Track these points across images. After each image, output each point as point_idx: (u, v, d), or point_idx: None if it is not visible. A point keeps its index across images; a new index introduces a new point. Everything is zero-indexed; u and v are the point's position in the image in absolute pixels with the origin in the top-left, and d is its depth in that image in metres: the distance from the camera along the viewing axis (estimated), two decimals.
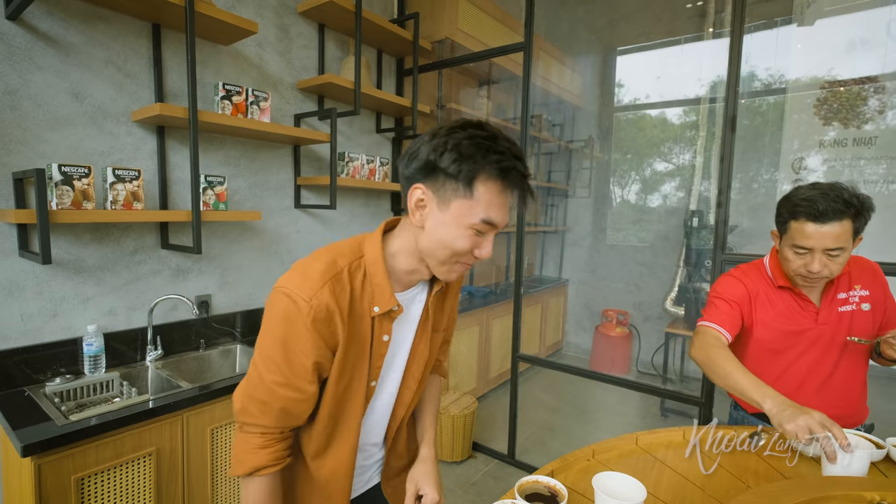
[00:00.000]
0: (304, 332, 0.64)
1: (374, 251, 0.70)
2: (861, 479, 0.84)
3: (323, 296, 0.65)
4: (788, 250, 1.04)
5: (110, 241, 1.53)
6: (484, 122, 0.65)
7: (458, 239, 0.64)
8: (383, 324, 0.72)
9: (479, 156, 0.61)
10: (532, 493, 0.77)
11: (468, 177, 0.61)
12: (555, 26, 3.69)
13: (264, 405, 0.68)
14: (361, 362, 0.72)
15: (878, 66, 2.31)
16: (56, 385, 1.36)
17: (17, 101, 1.31)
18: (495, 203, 0.63)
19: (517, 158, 0.63)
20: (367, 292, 0.70)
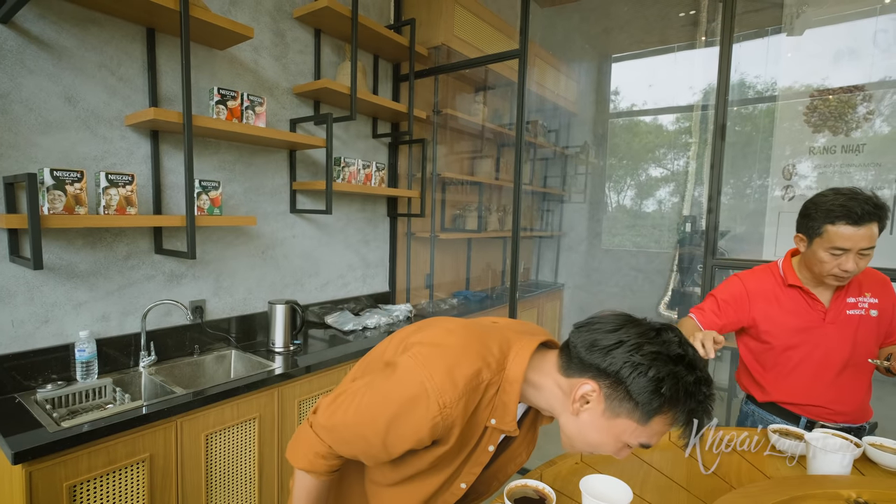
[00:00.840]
0: (420, 426, 0.64)
1: (517, 372, 0.68)
2: (840, 477, 0.86)
3: (457, 409, 0.64)
4: (824, 253, 1.10)
5: (103, 246, 1.52)
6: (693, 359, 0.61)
7: (607, 446, 0.65)
8: (494, 435, 0.72)
9: (674, 399, 0.59)
10: (521, 497, 0.78)
11: (651, 413, 0.60)
12: (550, 34, 3.73)
13: (344, 442, 0.70)
14: (456, 460, 0.73)
15: (866, 75, 2.36)
16: (47, 391, 1.34)
17: (9, 105, 1.30)
18: (658, 434, 0.63)
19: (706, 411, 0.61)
20: (491, 405, 0.69)
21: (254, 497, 1.55)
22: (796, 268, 1.22)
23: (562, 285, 4.14)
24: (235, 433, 1.48)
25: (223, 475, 1.46)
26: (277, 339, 1.84)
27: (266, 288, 2.02)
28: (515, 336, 0.73)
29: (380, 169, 2.34)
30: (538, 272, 4.25)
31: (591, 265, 4.00)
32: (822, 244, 1.09)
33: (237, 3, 1.81)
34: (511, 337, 0.72)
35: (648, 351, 0.60)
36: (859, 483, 0.83)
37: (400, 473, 0.74)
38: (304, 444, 0.73)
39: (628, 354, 0.60)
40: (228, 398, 1.42)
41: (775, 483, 0.81)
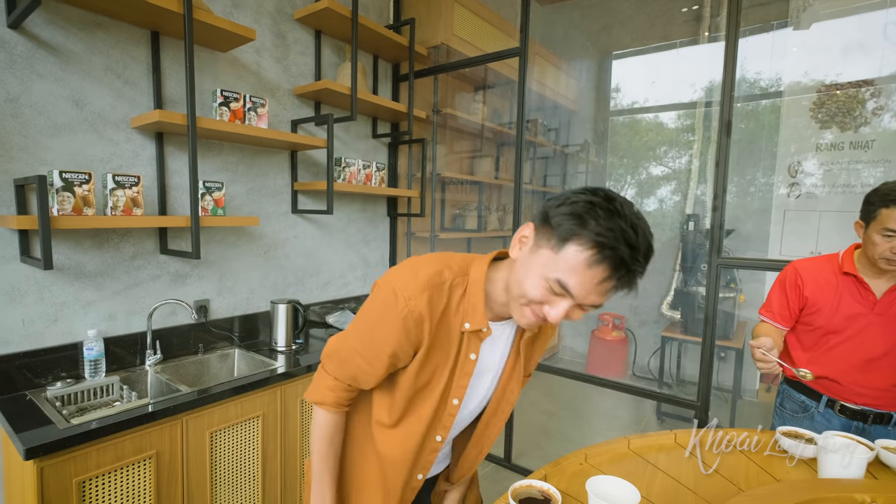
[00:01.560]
0: (393, 324, 0.71)
1: (479, 273, 0.74)
2: (852, 481, 0.85)
3: (420, 301, 0.70)
4: (877, 235, 1.16)
5: (110, 246, 1.54)
6: (617, 197, 0.62)
7: (531, 285, 0.64)
8: (471, 342, 0.75)
9: (585, 221, 0.59)
10: (525, 498, 0.78)
11: (564, 235, 0.60)
12: (550, 31, 3.72)
13: (342, 362, 0.78)
14: (443, 371, 0.76)
15: (875, 69, 2.33)
16: (57, 389, 1.37)
17: (19, 109, 1.33)
18: (580, 273, 0.60)
19: (628, 245, 0.58)
20: (461, 308, 0.73)
21: (257, 493, 1.58)
22: (856, 259, 1.27)
23: None
24: (239, 431, 1.50)
25: (228, 472, 1.48)
26: (280, 338, 1.87)
27: (268, 287, 2.05)
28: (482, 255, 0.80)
29: (380, 169, 2.35)
30: None
31: None
32: (876, 227, 1.16)
33: (239, 5, 1.83)
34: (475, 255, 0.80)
35: (579, 191, 0.63)
36: (872, 487, 0.82)
37: (398, 400, 0.78)
38: (316, 382, 0.81)
39: (564, 198, 0.64)
40: (232, 396, 1.45)
41: (785, 486, 0.80)
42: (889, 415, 1.23)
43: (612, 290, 0.62)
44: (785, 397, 1.40)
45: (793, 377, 1.35)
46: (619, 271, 0.59)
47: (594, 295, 0.62)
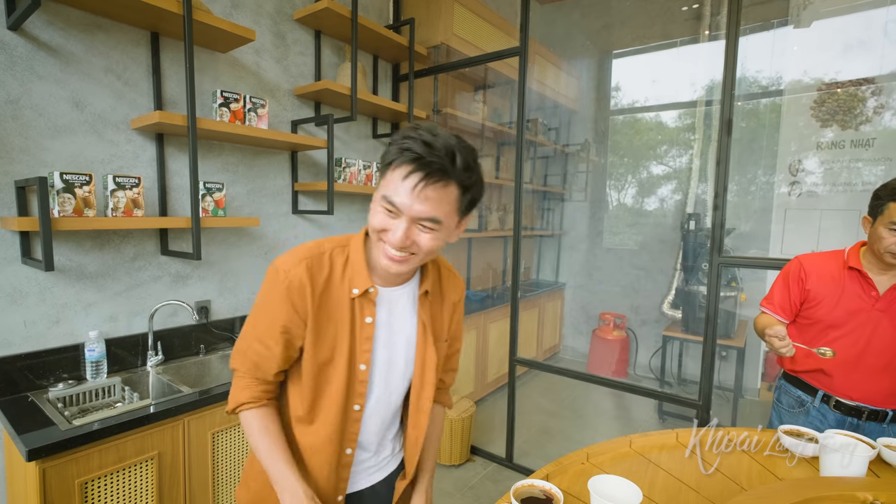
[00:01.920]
0: (278, 297, 0.74)
1: (358, 241, 0.79)
2: (854, 479, 0.85)
3: (298, 270, 0.74)
4: (883, 229, 1.17)
5: (111, 247, 1.55)
6: (426, 123, 0.70)
7: (373, 214, 0.71)
8: (364, 305, 0.77)
9: (393, 141, 0.68)
10: (528, 498, 0.78)
11: (385, 160, 0.69)
12: (550, 31, 3.71)
13: (242, 354, 0.78)
14: (343, 341, 0.77)
15: (876, 68, 2.32)
16: (59, 390, 1.37)
17: (19, 111, 1.33)
18: (393, 181, 0.67)
19: (424, 143, 0.64)
20: (347, 276, 0.77)
21: None
22: (861, 255, 1.28)
23: (563, 284, 4.13)
24: (241, 431, 1.50)
25: (229, 472, 1.49)
26: None
27: None
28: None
29: None
30: (539, 271, 4.24)
31: (593, 264, 3.99)
32: (883, 220, 1.17)
33: (238, 5, 1.83)
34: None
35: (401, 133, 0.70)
36: (874, 485, 0.81)
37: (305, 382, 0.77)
38: (232, 389, 0.80)
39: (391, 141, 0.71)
40: None
41: (788, 485, 0.80)
42: (884, 412, 1.23)
43: (420, 185, 0.65)
44: (782, 392, 1.41)
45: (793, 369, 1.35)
46: (417, 164, 0.65)
47: (413, 199, 0.66)
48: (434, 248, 0.71)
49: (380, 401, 0.82)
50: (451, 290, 0.89)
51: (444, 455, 2.31)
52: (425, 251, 0.71)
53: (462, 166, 0.67)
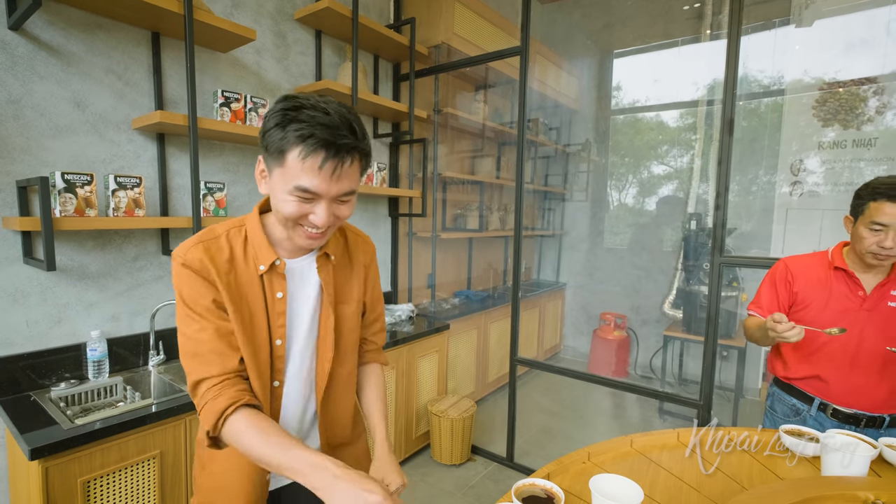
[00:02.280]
0: (185, 278, 0.72)
1: (253, 219, 0.78)
2: (855, 479, 0.85)
3: (196, 251, 0.72)
4: (864, 229, 1.16)
5: (112, 247, 1.55)
6: (301, 95, 0.67)
7: (283, 204, 0.68)
8: (274, 281, 0.77)
9: (284, 126, 0.64)
10: (529, 497, 0.78)
11: (277, 147, 0.65)
12: (551, 30, 3.71)
13: (196, 355, 0.71)
14: (259, 322, 0.76)
15: (878, 67, 2.32)
16: (61, 390, 1.38)
17: (20, 111, 1.34)
18: (305, 170, 0.65)
19: (324, 125, 0.63)
20: (250, 254, 0.76)
21: None
22: (845, 254, 1.27)
23: (564, 284, 4.13)
24: None
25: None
26: None
27: None
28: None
29: (381, 169, 2.35)
30: (540, 271, 4.24)
31: (594, 264, 3.99)
32: (864, 220, 1.15)
33: (239, 5, 1.83)
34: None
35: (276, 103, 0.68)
36: (876, 485, 0.81)
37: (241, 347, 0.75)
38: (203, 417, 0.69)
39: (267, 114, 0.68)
40: None
41: (789, 484, 0.80)
42: (882, 417, 1.21)
43: (338, 168, 0.65)
44: (776, 400, 1.36)
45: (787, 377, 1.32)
46: (330, 150, 0.64)
47: (330, 183, 0.66)
48: (350, 213, 0.73)
49: (296, 375, 0.82)
50: (359, 252, 0.89)
51: (444, 454, 2.31)
52: (343, 219, 0.73)
53: (361, 135, 0.67)
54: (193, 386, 0.72)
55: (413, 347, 2.26)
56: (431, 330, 2.36)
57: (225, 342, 0.72)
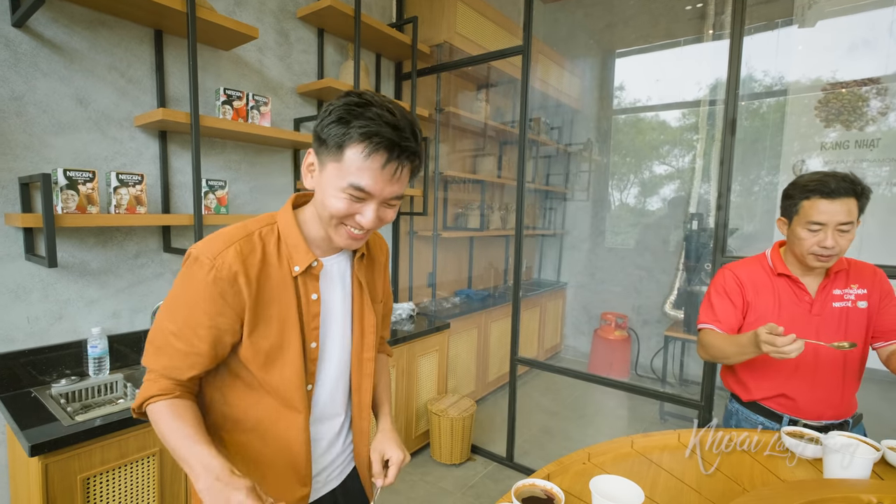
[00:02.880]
0: (205, 289, 0.66)
1: (286, 217, 0.74)
2: (858, 481, 0.85)
3: (227, 255, 0.67)
4: (801, 230, 1.10)
5: (114, 244, 1.55)
6: (367, 92, 0.66)
7: (333, 200, 0.66)
8: (308, 283, 0.74)
9: (348, 121, 0.63)
10: (529, 497, 0.78)
11: (337, 142, 0.63)
12: (553, 30, 3.71)
13: (158, 350, 0.69)
14: (291, 325, 0.72)
15: (881, 68, 2.31)
16: (61, 386, 1.38)
17: (23, 107, 1.34)
18: (364, 168, 0.63)
19: (390, 126, 0.62)
20: (283, 254, 0.72)
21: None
22: (784, 256, 1.21)
23: (565, 284, 4.13)
24: None
25: None
26: None
27: None
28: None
29: None
30: (541, 271, 4.24)
31: (595, 264, 3.98)
32: (800, 221, 1.10)
33: (241, 3, 1.83)
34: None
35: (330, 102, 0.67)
36: (878, 487, 0.81)
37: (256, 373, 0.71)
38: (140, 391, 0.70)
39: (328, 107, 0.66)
40: None
41: (790, 486, 0.80)
42: (846, 422, 1.18)
43: (398, 171, 0.65)
44: (741, 420, 1.26)
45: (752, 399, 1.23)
46: (393, 151, 0.63)
47: (386, 184, 0.65)
48: (394, 217, 0.73)
49: (330, 376, 0.80)
50: (378, 251, 0.89)
51: (444, 454, 2.31)
52: (387, 223, 0.73)
53: (419, 140, 0.67)
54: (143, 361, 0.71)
55: (413, 346, 2.26)
56: (432, 329, 2.36)
57: (188, 360, 0.68)
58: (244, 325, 0.69)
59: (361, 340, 0.82)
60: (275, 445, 0.75)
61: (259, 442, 0.75)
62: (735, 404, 1.30)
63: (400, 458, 0.80)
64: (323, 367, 0.79)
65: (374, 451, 0.83)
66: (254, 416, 0.75)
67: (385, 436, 0.84)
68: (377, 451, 0.83)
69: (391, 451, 0.81)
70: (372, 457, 0.83)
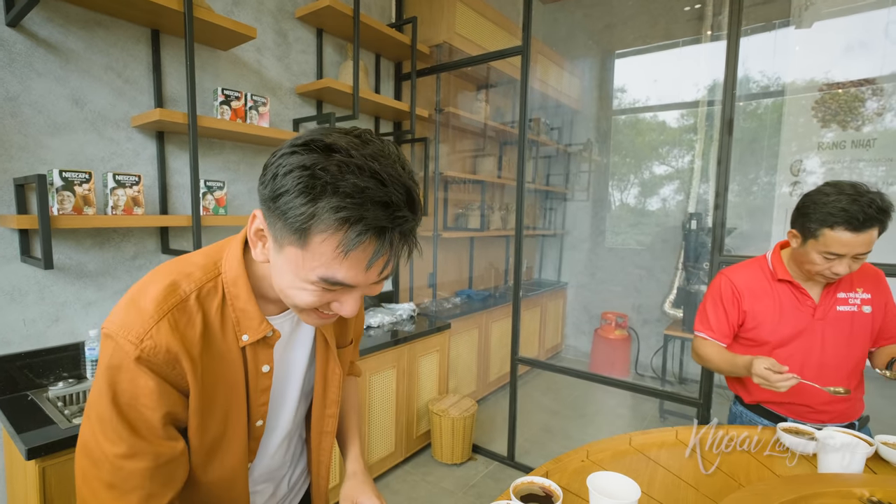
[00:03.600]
0: (141, 380, 0.50)
1: (235, 268, 0.56)
2: (851, 475, 0.85)
3: (159, 335, 0.50)
4: (816, 255, 1.05)
5: (111, 246, 1.54)
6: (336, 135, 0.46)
7: (297, 292, 0.50)
8: (259, 352, 0.59)
9: (314, 197, 0.43)
10: (527, 494, 0.78)
11: (299, 225, 0.44)
12: (552, 30, 3.71)
13: (114, 489, 0.51)
14: (237, 409, 0.59)
15: (877, 69, 2.32)
16: (59, 389, 1.37)
17: (18, 108, 1.33)
18: (340, 262, 0.46)
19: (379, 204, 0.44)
20: (228, 320, 0.56)
21: None
22: (786, 262, 1.17)
23: (565, 284, 4.13)
24: None
25: None
26: None
27: None
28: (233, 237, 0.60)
29: None
30: (541, 271, 4.24)
31: (595, 263, 3.99)
32: (817, 246, 1.04)
33: (240, 3, 1.83)
34: (228, 239, 0.60)
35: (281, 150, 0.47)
36: (872, 481, 0.81)
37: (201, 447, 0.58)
38: None
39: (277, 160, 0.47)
40: None
41: (785, 481, 0.80)
42: (852, 424, 1.17)
43: (391, 259, 0.48)
44: (745, 421, 1.25)
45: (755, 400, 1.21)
46: (383, 240, 0.45)
47: (374, 275, 0.49)
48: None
49: (273, 443, 0.69)
50: None
51: (445, 454, 2.31)
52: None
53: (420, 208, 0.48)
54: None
55: (414, 346, 2.25)
56: (433, 329, 2.35)
57: (162, 477, 0.52)
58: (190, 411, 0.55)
59: (324, 399, 0.71)
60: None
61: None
62: (739, 406, 1.29)
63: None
64: (268, 440, 0.68)
65: (344, 499, 0.71)
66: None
67: (357, 481, 0.73)
68: (348, 499, 0.71)
69: (366, 499, 0.70)
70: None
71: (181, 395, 0.54)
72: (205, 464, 0.59)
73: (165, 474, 0.53)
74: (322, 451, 0.75)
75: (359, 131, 0.48)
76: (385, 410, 2.13)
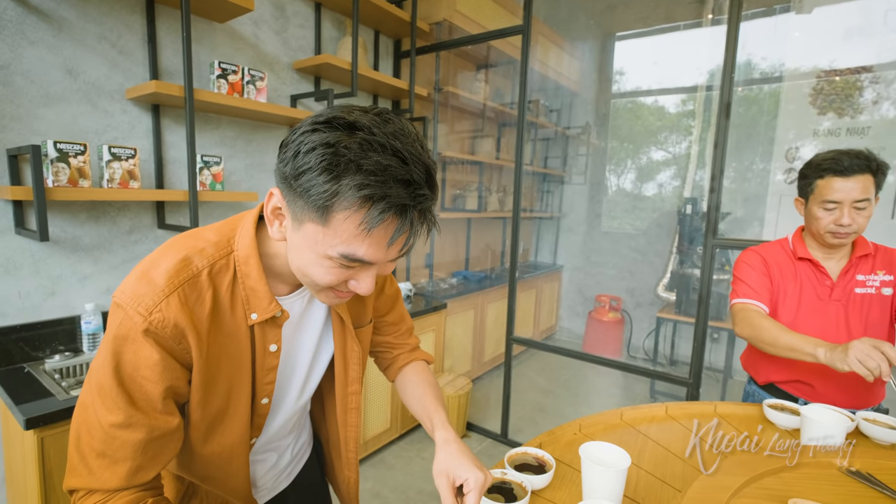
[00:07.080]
0: (146, 352, 0.50)
1: (247, 246, 0.56)
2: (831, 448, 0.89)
3: (169, 309, 0.50)
4: (817, 208, 1.11)
5: (107, 219, 1.53)
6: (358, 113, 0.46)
7: (316, 269, 0.50)
8: (267, 332, 0.59)
9: (337, 175, 0.44)
10: (521, 464, 0.80)
11: (322, 202, 0.45)
12: (554, 10, 3.65)
13: (105, 458, 0.51)
14: (241, 385, 0.59)
15: (874, 56, 2.32)
16: (55, 362, 1.38)
17: (10, 77, 1.30)
18: (361, 239, 0.47)
19: (402, 182, 0.44)
20: (238, 297, 0.56)
21: None
22: (805, 240, 1.22)
23: (561, 266, 4.16)
24: None
25: None
26: None
27: None
28: (246, 213, 0.60)
29: None
30: (537, 253, 4.27)
31: (591, 247, 4.01)
32: (815, 200, 1.11)
33: None
34: (241, 215, 0.60)
35: (303, 127, 0.47)
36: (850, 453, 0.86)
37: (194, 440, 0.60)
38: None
39: (298, 137, 0.46)
40: None
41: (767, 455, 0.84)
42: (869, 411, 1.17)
43: (411, 237, 0.49)
44: (757, 401, 1.27)
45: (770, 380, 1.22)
46: (405, 218, 0.46)
47: (395, 252, 0.50)
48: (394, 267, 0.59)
49: (278, 419, 0.70)
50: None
51: None
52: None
53: (437, 187, 0.49)
54: (71, 481, 0.52)
55: None
56: (429, 309, 2.37)
57: (153, 450, 0.53)
58: (193, 386, 0.55)
59: (345, 377, 0.72)
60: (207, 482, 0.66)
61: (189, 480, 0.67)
62: (752, 386, 1.31)
63: (480, 480, 0.59)
64: (273, 418, 0.68)
65: (438, 475, 0.61)
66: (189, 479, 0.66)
67: (451, 453, 0.62)
68: (443, 474, 0.60)
69: (465, 472, 0.60)
70: (437, 483, 0.61)
71: (184, 369, 0.54)
72: (205, 437, 0.60)
73: (156, 448, 0.53)
74: (349, 427, 0.77)
75: (378, 109, 0.48)
76: (381, 387, 2.17)
